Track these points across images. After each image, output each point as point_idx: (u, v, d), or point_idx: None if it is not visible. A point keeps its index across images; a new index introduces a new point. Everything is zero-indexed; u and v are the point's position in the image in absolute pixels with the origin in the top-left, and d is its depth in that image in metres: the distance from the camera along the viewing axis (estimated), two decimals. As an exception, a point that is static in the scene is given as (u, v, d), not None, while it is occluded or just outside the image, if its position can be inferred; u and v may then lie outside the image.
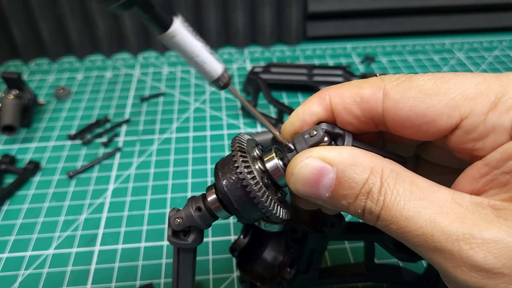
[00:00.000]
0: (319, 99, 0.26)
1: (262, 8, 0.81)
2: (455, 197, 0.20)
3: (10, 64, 0.83)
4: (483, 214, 0.19)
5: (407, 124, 0.23)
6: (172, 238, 0.31)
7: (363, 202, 0.22)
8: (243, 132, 0.29)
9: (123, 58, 0.85)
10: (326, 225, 0.33)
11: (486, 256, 0.18)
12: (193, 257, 0.33)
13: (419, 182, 0.21)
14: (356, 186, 0.22)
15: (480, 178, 0.21)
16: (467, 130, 0.21)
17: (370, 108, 0.24)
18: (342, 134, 0.25)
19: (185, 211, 0.30)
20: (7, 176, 0.58)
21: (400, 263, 0.44)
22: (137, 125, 0.66)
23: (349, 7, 0.83)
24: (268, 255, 0.41)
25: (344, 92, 0.25)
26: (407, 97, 0.22)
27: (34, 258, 0.47)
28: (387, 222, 0.21)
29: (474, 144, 0.21)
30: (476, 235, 0.18)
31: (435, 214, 0.20)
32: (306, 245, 0.35)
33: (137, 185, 0.56)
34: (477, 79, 0.21)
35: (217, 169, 0.27)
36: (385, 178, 0.21)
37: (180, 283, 0.33)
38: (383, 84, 0.23)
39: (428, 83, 0.22)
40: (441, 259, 0.19)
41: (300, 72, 0.72)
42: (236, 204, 0.26)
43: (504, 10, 0.87)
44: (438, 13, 0.87)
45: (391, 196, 0.21)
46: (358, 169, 0.22)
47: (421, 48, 0.86)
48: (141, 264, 0.46)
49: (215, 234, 0.49)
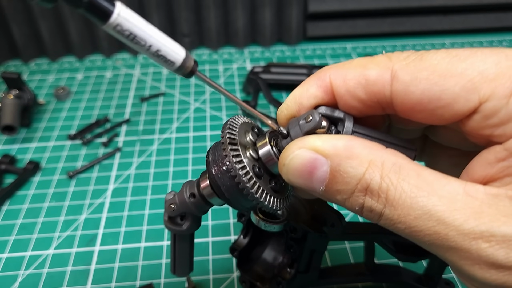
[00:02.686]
0: (318, 81, 0.23)
1: (262, 8, 0.81)
2: (468, 190, 0.18)
3: (10, 64, 0.83)
4: (501, 207, 0.18)
5: (418, 108, 0.21)
6: (168, 223, 0.30)
7: (360, 199, 0.20)
8: (239, 115, 0.27)
9: (123, 58, 0.85)
10: (326, 225, 0.33)
11: (508, 254, 0.17)
12: (189, 242, 0.32)
13: (426, 175, 0.19)
14: (351, 181, 0.20)
15: (496, 163, 0.19)
16: (487, 114, 0.19)
17: (376, 91, 0.21)
18: (342, 118, 0.23)
19: (179, 197, 0.28)
20: (7, 176, 0.58)
21: (400, 263, 0.44)
22: (137, 125, 0.66)
23: (349, 7, 0.83)
24: (268, 255, 0.41)
25: (347, 73, 0.22)
26: (418, 78, 0.20)
27: (34, 258, 0.47)
28: (393, 222, 0.19)
29: (493, 130, 0.19)
30: (496, 232, 0.17)
31: (448, 211, 0.18)
32: (306, 245, 0.35)
33: (137, 185, 0.56)
34: (497, 57, 0.19)
35: (208, 156, 0.26)
36: (386, 172, 0.19)
37: (177, 267, 0.33)
38: (391, 64, 0.21)
39: (442, 62, 0.20)
40: (457, 257, 0.18)
41: (300, 72, 0.72)
42: (226, 193, 0.25)
43: (504, 10, 0.87)
44: (438, 13, 0.87)
45: (395, 192, 0.19)
46: (354, 163, 0.20)
47: (421, 48, 0.86)
48: (141, 264, 0.46)
49: (215, 234, 0.49)
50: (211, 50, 0.86)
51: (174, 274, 0.33)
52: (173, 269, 0.33)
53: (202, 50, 0.86)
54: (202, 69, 0.80)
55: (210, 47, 0.86)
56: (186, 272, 0.33)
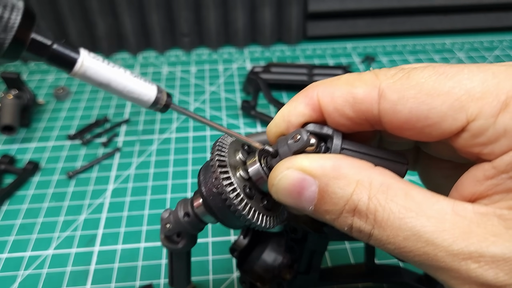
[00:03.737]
0: (306, 98, 0.23)
1: (262, 8, 0.81)
2: (456, 209, 0.19)
3: (9, 64, 0.83)
4: (490, 226, 0.18)
5: (406, 126, 0.21)
6: (164, 242, 0.30)
7: (349, 220, 0.20)
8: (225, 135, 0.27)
9: (123, 58, 0.85)
10: (326, 225, 0.33)
11: (497, 274, 0.17)
12: (186, 259, 0.33)
13: (414, 194, 0.19)
14: (339, 202, 0.20)
15: (484, 181, 0.19)
16: (475, 133, 0.19)
17: (364, 109, 0.21)
18: (331, 135, 0.23)
19: (174, 217, 0.28)
20: (6, 176, 0.57)
21: (400, 263, 0.44)
22: (137, 125, 0.66)
23: (349, 7, 0.83)
24: (268, 255, 0.41)
25: (335, 91, 0.22)
26: (406, 97, 0.20)
27: (34, 258, 0.47)
28: (382, 242, 0.19)
29: (482, 149, 0.19)
30: (485, 252, 0.17)
31: (436, 232, 0.18)
32: (306, 245, 0.35)
33: (136, 185, 0.56)
34: (484, 74, 0.19)
35: (199, 176, 0.26)
36: (374, 193, 0.19)
37: (175, 280, 0.34)
38: (378, 82, 0.21)
39: (429, 80, 0.20)
40: (447, 277, 0.18)
41: (300, 72, 0.72)
42: (219, 214, 0.25)
43: (505, 10, 0.87)
44: (438, 13, 0.87)
45: (383, 213, 0.19)
46: (341, 183, 0.20)
47: (422, 48, 0.86)
48: (141, 264, 0.46)
49: (215, 234, 0.49)
50: (211, 50, 0.86)
51: (172, 286, 0.35)
52: (171, 282, 0.34)
53: (202, 50, 0.86)
54: (202, 69, 0.80)
55: (210, 47, 0.86)
56: (185, 285, 0.35)
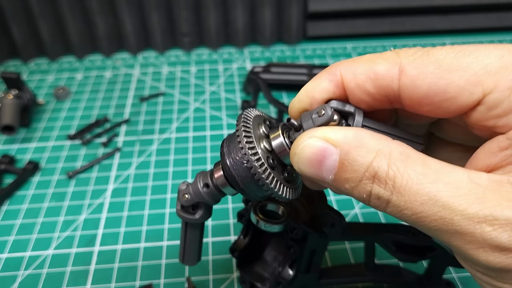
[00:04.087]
0: (330, 75, 0.24)
1: (262, 8, 0.81)
2: (472, 177, 0.19)
3: (9, 64, 0.83)
4: (504, 192, 0.19)
5: (425, 101, 0.21)
6: (180, 212, 0.31)
7: (368, 186, 0.21)
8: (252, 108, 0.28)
9: (123, 58, 0.85)
10: (326, 225, 0.33)
11: (511, 236, 0.18)
12: (200, 230, 0.34)
13: (431, 163, 0.20)
14: (359, 169, 0.21)
15: (498, 152, 0.20)
16: (490, 106, 0.20)
17: (385, 85, 0.22)
18: (353, 113, 0.24)
19: (193, 187, 0.29)
20: (6, 176, 0.57)
21: (400, 263, 0.44)
22: (137, 125, 0.66)
23: (349, 7, 0.83)
24: (268, 255, 0.41)
25: (357, 67, 0.23)
26: (425, 73, 0.21)
27: (34, 258, 0.47)
28: (400, 208, 0.20)
29: (496, 121, 0.20)
30: (499, 216, 0.18)
31: (452, 197, 0.19)
32: (306, 245, 0.35)
33: (136, 185, 0.56)
34: (500, 51, 0.20)
35: (222, 147, 0.27)
36: (393, 160, 0.20)
37: (186, 255, 0.34)
38: (399, 59, 0.22)
39: (447, 57, 0.21)
40: (462, 242, 0.19)
41: (300, 72, 0.72)
42: (241, 184, 0.26)
43: (505, 10, 0.87)
44: (438, 13, 0.87)
45: (402, 180, 0.20)
46: (362, 151, 0.21)
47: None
48: (141, 264, 0.46)
49: (215, 234, 0.49)
50: (211, 49, 0.86)
51: (182, 263, 0.34)
52: (182, 257, 0.34)
53: (202, 50, 0.86)
54: (202, 69, 0.80)
55: (210, 47, 0.86)
56: (195, 261, 0.35)
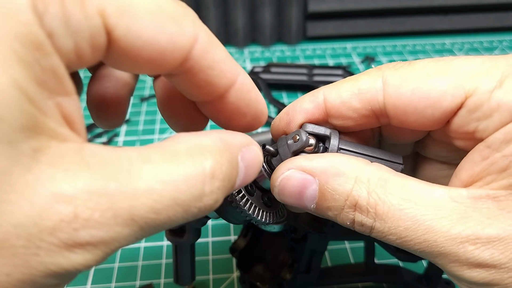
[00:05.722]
0: (312, 97, 0.25)
1: (262, 8, 0.81)
2: (452, 195, 0.20)
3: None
4: (485, 210, 0.19)
5: (409, 109, 0.22)
6: (169, 235, 0.31)
7: (350, 214, 0.21)
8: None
9: (123, 58, 0.85)
10: (326, 225, 0.33)
11: (493, 254, 0.18)
12: (190, 252, 0.34)
13: (411, 186, 0.20)
14: (340, 198, 0.21)
15: (480, 162, 0.20)
16: (471, 108, 0.20)
17: (370, 98, 0.23)
18: (328, 136, 0.24)
19: None
20: (7, 176, 0.57)
21: (400, 263, 0.44)
22: (137, 125, 0.66)
23: (349, 7, 0.83)
24: (268, 255, 0.41)
25: (341, 87, 0.24)
26: (408, 80, 0.21)
27: (34, 258, 0.47)
28: (384, 234, 0.20)
29: (477, 124, 0.20)
30: (481, 235, 0.18)
31: (435, 219, 0.19)
32: (306, 245, 0.35)
33: (137, 185, 0.56)
34: (481, 59, 0.21)
35: None
36: (372, 187, 0.20)
37: (180, 276, 0.34)
38: (381, 72, 0.23)
39: (429, 65, 0.21)
40: (446, 261, 0.19)
41: (300, 72, 0.72)
42: (221, 209, 0.26)
43: (505, 10, 0.87)
44: (438, 13, 0.87)
45: (384, 207, 0.20)
46: (340, 180, 0.21)
47: (422, 48, 0.86)
48: (141, 264, 0.46)
49: (215, 234, 0.49)
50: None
51: (177, 283, 0.35)
52: (175, 278, 0.35)
53: (202, 50, 0.86)
54: (202, 69, 0.80)
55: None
56: (189, 281, 0.35)
